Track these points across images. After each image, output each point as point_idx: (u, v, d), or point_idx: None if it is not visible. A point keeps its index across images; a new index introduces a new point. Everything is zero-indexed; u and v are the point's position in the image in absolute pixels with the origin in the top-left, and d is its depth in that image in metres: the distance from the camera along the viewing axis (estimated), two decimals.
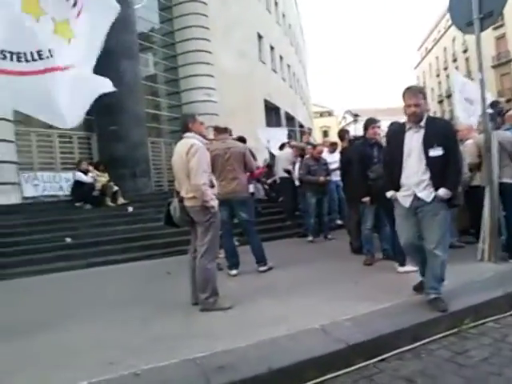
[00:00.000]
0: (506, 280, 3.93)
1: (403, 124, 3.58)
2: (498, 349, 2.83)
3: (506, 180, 4.81)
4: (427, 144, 3.32)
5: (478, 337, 3.04)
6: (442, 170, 3.32)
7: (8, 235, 7.34)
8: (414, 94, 3.42)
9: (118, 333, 3.39)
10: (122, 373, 2.55)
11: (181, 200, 3.88)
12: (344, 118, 53.69)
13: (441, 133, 3.38)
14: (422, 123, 3.40)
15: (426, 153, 3.32)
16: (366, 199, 5.06)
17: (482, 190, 4.98)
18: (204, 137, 4.06)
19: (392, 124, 4.44)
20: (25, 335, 3.45)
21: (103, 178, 9.58)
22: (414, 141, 3.41)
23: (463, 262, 4.63)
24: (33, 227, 7.81)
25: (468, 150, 5.38)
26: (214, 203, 3.74)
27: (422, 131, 3.38)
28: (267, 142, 11.79)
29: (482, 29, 4.79)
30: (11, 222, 7.90)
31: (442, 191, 3.30)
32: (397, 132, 3.64)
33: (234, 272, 5.23)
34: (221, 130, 5.36)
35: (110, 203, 9.39)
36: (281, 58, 25.52)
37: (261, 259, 5.34)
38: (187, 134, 3.95)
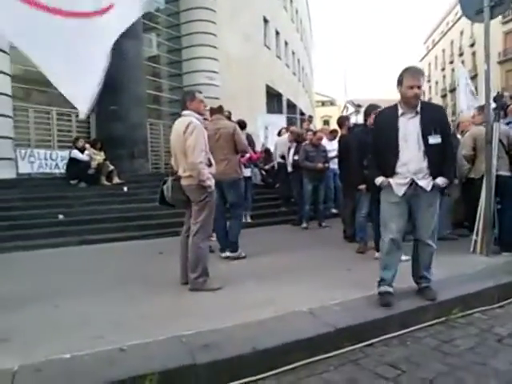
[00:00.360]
0: (497, 272, 3.94)
1: (394, 108, 3.34)
2: (484, 339, 2.84)
3: (501, 172, 4.80)
4: (426, 131, 3.19)
5: (465, 326, 3.06)
6: (440, 158, 3.24)
7: (2, 209, 7.31)
8: (417, 74, 3.25)
9: (106, 309, 3.38)
10: (108, 347, 2.55)
11: (177, 178, 3.85)
12: (346, 107, 53.37)
13: (437, 119, 3.30)
14: (418, 108, 3.25)
15: (426, 140, 3.19)
16: (362, 187, 5.04)
17: (478, 182, 4.96)
18: (202, 115, 3.99)
19: (380, 111, 3.89)
20: (12, 308, 3.43)
21: (99, 157, 9.51)
22: (409, 126, 3.23)
23: (455, 254, 4.64)
24: (28, 202, 7.79)
25: (464, 141, 5.36)
26: (211, 182, 3.72)
27: (418, 117, 3.24)
28: (265, 129, 11.69)
29: (492, 17, 4.72)
30: (6, 196, 7.87)
31: (441, 180, 3.24)
32: (389, 117, 3.36)
33: (224, 254, 5.22)
34: (214, 111, 5.26)
35: (105, 182, 9.35)
36: (286, 43, 25.22)
37: (233, 245, 5.21)
38: (185, 112, 3.90)
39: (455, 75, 34.50)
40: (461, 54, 44.09)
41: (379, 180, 3.35)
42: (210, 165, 3.83)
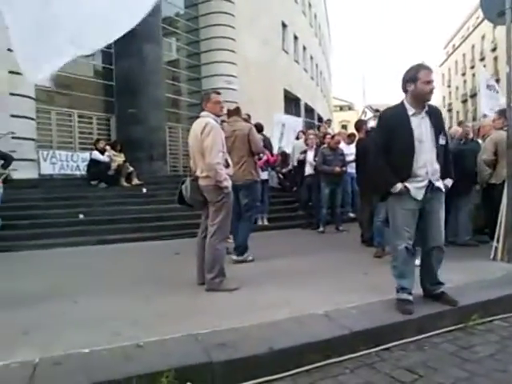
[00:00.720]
0: None
1: (402, 108, 3.20)
2: (505, 346, 2.77)
3: None
4: (436, 131, 3.16)
5: (484, 333, 2.99)
6: (443, 159, 3.24)
7: (24, 208, 7.49)
8: (431, 70, 3.18)
9: (124, 307, 3.43)
10: (125, 343, 2.58)
11: (196, 179, 3.89)
12: (364, 112, 52.96)
13: (440, 119, 3.29)
14: (426, 108, 3.18)
15: (437, 141, 3.15)
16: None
17: (499, 187, 4.87)
18: (218, 116, 4.03)
19: (386, 111, 3.49)
20: (33, 304, 3.52)
21: (119, 158, 9.67)
22: (423, 127, 3.15)
23: (475, 260, 4.58)
24: (49, 202, 7.97)
25: (484, 146, 5.28)
26: (228, 183, 3.74)
27: (427, 117, 3.17)
28: (282, 126, 11.57)
29: None
30: (28, 196, 8.06)
31: (448, 181, 3.24)
32: (399, 117, 3.19)
33: (230, 258, 5.13)
34: (231, 112, 5.29)
35: (125, 183, 9.49)
36: (304, 48, 25.24)
37: (240, 248, 5.14)
38: (202, 113, 3.96)
39: (476, 80, 33.93)
40: (482, 59, 43.33)
41: (398, 187, 3.11)
42: (227, 166, 3.85)
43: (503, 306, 3.33)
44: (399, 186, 3.12)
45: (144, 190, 9.25)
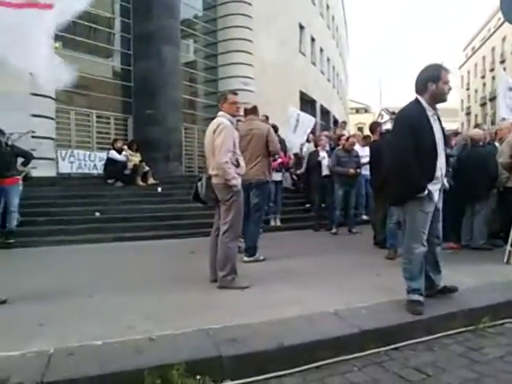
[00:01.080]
0: None
1: (421, 108, 3.17)
2: None
3: None
4: (443, 134, 3.24)
5: (494, 336, 2.98)
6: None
7: (42, 205, 7.67)
8: (449, 71, 3.20)
9: (137, 302, 3.50)
10: (138, 337, 2.65)
11: (209, 177, 3.96)
12: (381, 115, 52.50)
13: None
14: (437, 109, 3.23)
15: (446, 143, 3.26)
16: None
17: None
18: (234, 116, 4.09)
19: (406, 109, 3.32)
20: (49, 297, 3.62)
21: (136, 158, 9.81)
22: (438, 128, 3.19)
23: (488, 263, 4.53)
24: (66, 200, 8.15)
25: (502, 149, 5.22)
26: (236, 182, 3.80)
27: (437, 119, 3.23)
28: (296, 121, 11.54)
29: None
30: (47, 193, 8.25)
31: (447, 181, 3.34)
32: (421, 117, 3.14)
33: (242, 259, 5.13)
34: (248, 112, 5.35)
35: (141, 182, 9.63)
36: (321, 50, 25.20)
37: (250, 250, 5.12)
38: (219, 113, 4.03)
39: (496, 82, 33.39)
40: (502, 61, 42.57)
41: (428, 188, 3.07)
42: (237, 165, 3.90)
43: None
44: (429, 187, 3.09)
45: (159, 189, 9.37)
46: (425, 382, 2.35)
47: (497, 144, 6.06)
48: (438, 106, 3.27)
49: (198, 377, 2.31)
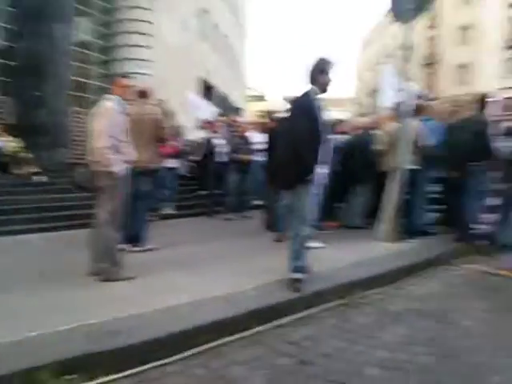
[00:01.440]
0: (398, 257, 4.28)
1: (313, 97, 3.51)
2: (377, 315, 3.14)
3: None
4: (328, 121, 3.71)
5: (363, 306, 3.32)
6: None
7: None
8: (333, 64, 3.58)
9: (5, 301, 3.16)
10: (4, 340, 2.41)
11: (89, 163, 3.74)
12: (282, 103, 54.13)
13: None
14: None
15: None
16: None
17: (387, 175, 5.33)
18: (125, 100, 3.90)
19: (299, 98, 3.60)
20: None
21: (14, 143, 8.85)
22: (323, 116, 3.55)
23: (363, 241, 4.97)
24: None
25: (379, 136, 5.74)
26: (116, 169, 3.62)
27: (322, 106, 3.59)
28: (197, 109, 11.40)
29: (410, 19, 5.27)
30: None
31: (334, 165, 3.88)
32: (313, 106, 3.48)
33: (129, 249, 4.91)
34: (140, 95, 5.07)
35: (20, 171, 8.72)
36: (225, 36, 25.11)
37: (137, 238, 4.89)
38: (106, 96, 3.82)
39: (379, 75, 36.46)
40: (390, 57, 46.34)
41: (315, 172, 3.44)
42: (120, 151, 3.72)
43: (382, 281, 3.69)
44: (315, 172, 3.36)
45: (40, 179, 8.57)
46: (303, 355, 2.52)
47: (378, 132, 6.60)
48: (333, 95, 3.55)
49: (68, 377, 2.18)
